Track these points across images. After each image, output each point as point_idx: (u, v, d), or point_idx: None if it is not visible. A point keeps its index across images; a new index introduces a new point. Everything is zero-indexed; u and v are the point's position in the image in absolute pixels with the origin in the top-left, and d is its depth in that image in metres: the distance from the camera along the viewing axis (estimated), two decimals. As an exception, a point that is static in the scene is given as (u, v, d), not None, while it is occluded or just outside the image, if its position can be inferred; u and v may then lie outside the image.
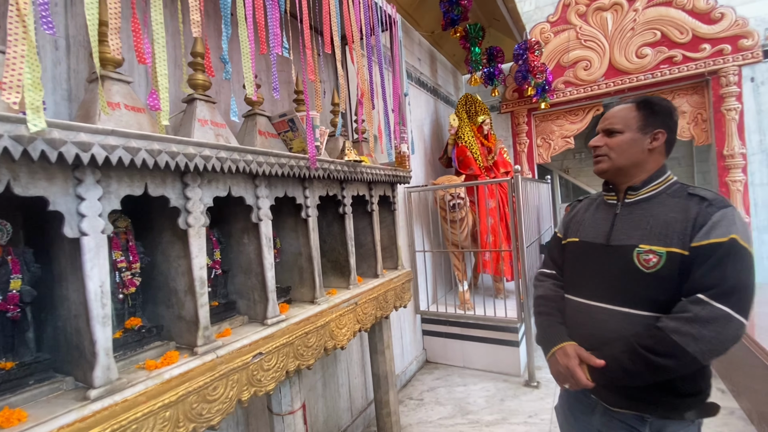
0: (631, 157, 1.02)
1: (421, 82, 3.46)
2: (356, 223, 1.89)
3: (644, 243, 0.95)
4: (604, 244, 1.04)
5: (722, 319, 0.83)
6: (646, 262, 0.93)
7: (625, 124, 1.03)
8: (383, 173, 1.81)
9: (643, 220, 0.98)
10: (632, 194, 1.04)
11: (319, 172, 1.38)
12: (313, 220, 1.42)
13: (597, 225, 1.09)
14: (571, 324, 1.09)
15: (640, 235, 0.97)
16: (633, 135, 1.02)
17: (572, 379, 0.98)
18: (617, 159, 1.03)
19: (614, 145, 1.04)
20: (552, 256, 1.25)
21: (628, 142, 1.02)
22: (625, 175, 1.05)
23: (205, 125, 1.12)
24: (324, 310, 1.40)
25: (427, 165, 3.49)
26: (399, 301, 1.95)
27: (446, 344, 3.03)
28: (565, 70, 4.18)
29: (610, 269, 1.01)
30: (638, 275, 0.94)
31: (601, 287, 1.02)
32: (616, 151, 1.03)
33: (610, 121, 1.05)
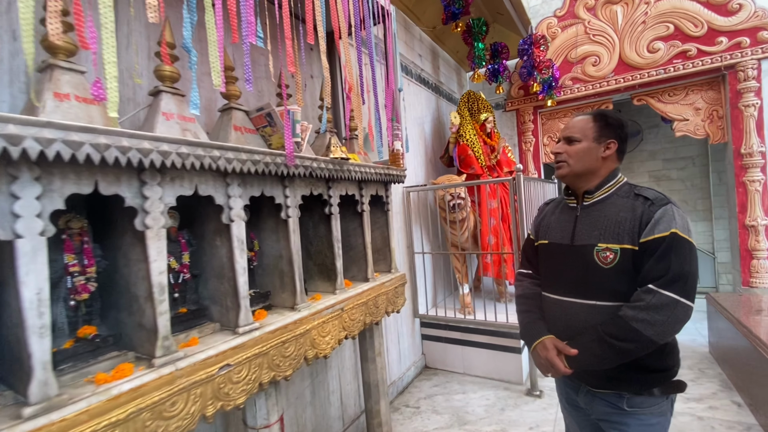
0: (587, 164, 1.13)
1: (421, 78, 3.36)
2: (346, 225, 1.81)
3: (602, 242, 1.07)
4: (569, 245, 1.15)
5: (671, 304, 0.95)
6: (605, 259, 1.05)
7: (583, 134, 1.14)
8: (374, 172, 1.73)
9: (600, 221, 1.10)
10: (588, 197, 1.15)
11: (300, 170, 1.30)
12: (293, 221, 1.34)
13: (562, 227, 1.20)
14: (549, 318, 1.20)
15: (598, 234, 1.08)
16: (589, 144, 1.13)
17: (552, 369, 1.09)
18: (575, 165, 1.14)
19: (573, 153, 1.14)
20: (527, 257, 1.35)
21: (584, 150, 1.13)
22: (582, 179, 1.15)
23: (170, 119, 1.04)
24: (304, 317, 1.31)
25: (427, 164, 3.40)
26: (391, 306, 1.85)
27: (446, 349, 2.93)
28: (573, 66, 4.04)
29: (576, 267, 1.12)
30: (599, 270, 1.06)
31: (569, 283, 1.14)
32: (574, 158, 1.14)
33: (570, 130, 1.16)
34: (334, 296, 1.50)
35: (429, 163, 3.43)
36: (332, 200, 1.53)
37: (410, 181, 3.06)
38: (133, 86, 1.27)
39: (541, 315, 1.23)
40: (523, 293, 1.30)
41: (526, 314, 1.25)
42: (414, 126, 3.17)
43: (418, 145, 3.23)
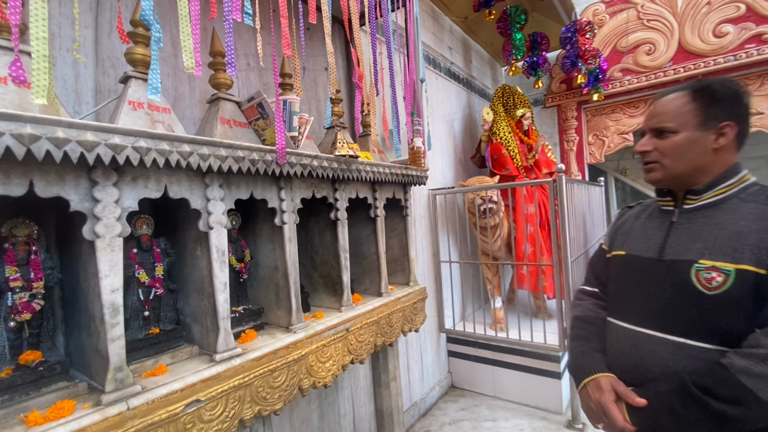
0: (692, 162, 0.86)
1: (451, 72, 3.12)
2: (358, 231, 1.61)
3: (706, 258, 0.80)
4: (655, 259, 0.89)
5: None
6: (708, 282, 0.78)
7: (680, 121, 0.86)
8: (389, 172, 1.52)
9: (706, 230, 0.83)
10: (692, 199, 0.89)
11: (296, 168, 1.12)
12: (289, 228, 1.16)
13: (648, 236, 0.94)
14: (612, 352, 0.94)
15: (701, 248, 0.81)
16: (691, 134, 0.85)
17: (605, 418, 0.84)
18: (673, 166, 0.88)
19: (667, 150, 0.88)
20: (594, 271, 1.11)
21: (684, 145, 0.86)
22: (686, 180, 0.89)
23: (138, 109, 0.89)
24: (300, 340, 1.13)
25: (457, 164, 3.14)
26: (408, 324, 1.64)
27: (475, 369, 2.66)
28: (623, 56, 3.63)
29: (663, 289, 0.85)
30: (697, 298, 0.79)
31: (650, 311, 0.87)
32: (671, 156, 0.88)
33: (659, 118, 0.89)
34: (339, 314, 1.31)
35: (459, 163, 3.18)
36: (339, 204, 1.35)
37: (437, 183, 2.82)
38: (116, 77, 1.15)
39: (600, 346, 0.97)
40: (581, 314, 1.05)
41: (580, 341, 1.00)
42: (442, 123, 2.94)
43: (446, 144, 2.99)
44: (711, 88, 0.85)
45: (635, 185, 5.09)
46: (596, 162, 4.00)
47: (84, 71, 1.08)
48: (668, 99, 0.89)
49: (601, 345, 0.97)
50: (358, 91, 1.37)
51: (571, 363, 1.00)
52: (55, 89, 1.02)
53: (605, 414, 0.84)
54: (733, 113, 0.84)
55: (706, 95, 0.85)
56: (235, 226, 1.17)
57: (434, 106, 2.84)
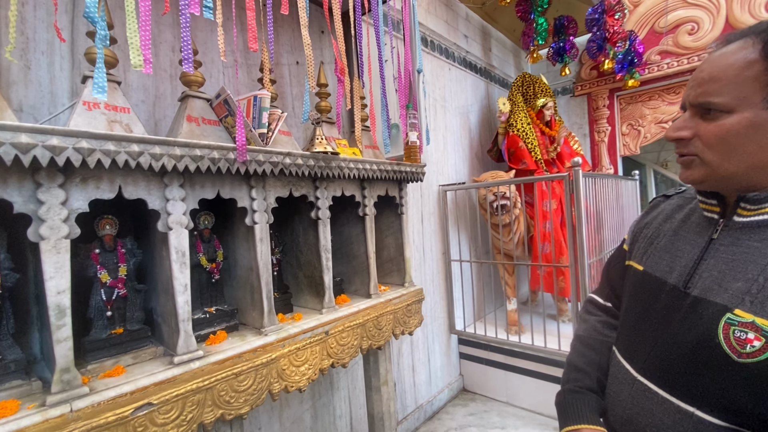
0: (753, 159, 0.56)
1: (467, 62, 2.98)
2: (349, 230, 1.56)
3: (744, 308, 0.54)
4: (678, 289, 0.63)
5: None
6: (740, 344, 0.53)
7: (738, 94, 0.55)
8: (378, 168, 1.45)
9: (756, 263, 0.56)
10: (747, 210, 0.59)
11: (266, 166, 1.08)
12: (261, 228, 1.12)
13: (676, 251, 0.67)
14: (611, 395, 0.73)
15: (742, 289, 0.55)
16: (754, 115, 0.55)
17: None
18: (722, 164, 0.59)
19: (713, 139, 0.59)
20: (610, 279, 0.86)
21: (743, 132, 0.56)
22: (741, 182, 0.60)
23: (93, 109, 0.89)
24: (270, 343, 1.10)
25: (472, 159, 3.01)
26: (401, 327, 1.57)
27: (487, 372, 2.54)
28: (662, 38, 3.31)
29: (679, 335, 0.61)
30: (721, 361, 0.55)
31: (657, 358, 0.64)
32: (719, 149, 0.58)
33: (705, 87, 0.58)
34: (319, 317, 1.27)
35: (475, 158, 3.04)
36: (320, 203, 1.30)
37: (450, 179, 2.72)
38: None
39: (597, 382, 0.77)
40: (584, 336, 0.85)
41: (575, 373, 0.80)
42: (456, 116, 2.81)
43: (460, 138, 2.87)
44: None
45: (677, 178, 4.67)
46: (631, 154, 3.70)
47: (60, 73, 1.10)
48: (724, 54, 0.57)
49: (600, 380, 0.77)
50: (340, 84, 1.31)
51: (558, 398, 0.81)
52: (31, 92, 1.05)
53: None
54: None
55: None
56: (207, 226, 1.16)
57: (447, 99, 2.72)
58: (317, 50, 1.81)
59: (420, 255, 2.38)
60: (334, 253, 1.64)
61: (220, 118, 1.11)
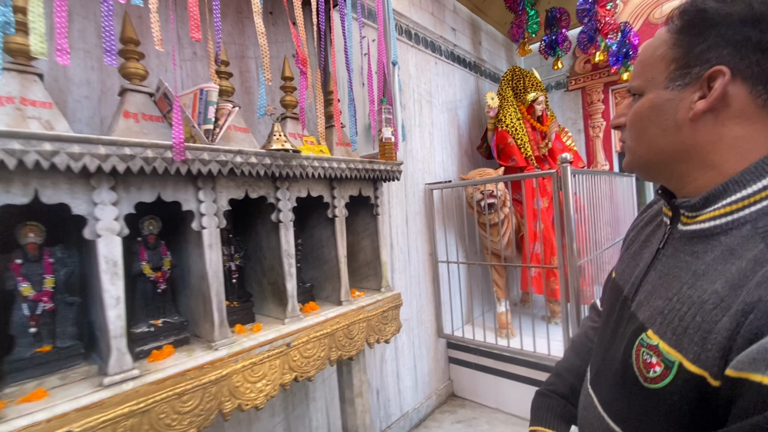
0: (658, 143, 0.54)
1: (454, 56, 2.88)
2: (319, 233, 1.47)
3: (653, 329, 0.51)
4: (627, 300, 0.60)
5: None
6: (646, 368, 0.50)
7: (648, 75, 0.54)
8: (348, 167, 1.36)
9: (680, 278, 0.51)
10: (687, 217, 0.54)
11: (212, 166, 0.99)
12: (210, 233, 1.03)
13: (639, 258, 0.64)
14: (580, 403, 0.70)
15: (659, 308, 0.51)
16: (656, 95, 0.53)
17: None
18: (635, 148, 0.58)
19: (628, 122, 0.58)
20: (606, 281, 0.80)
21: (645, 113, 0.54)
22: (667, 175, 0.57)
23: (6, 104, 0.79)
24: (220, 359, 1.01)
25: (461, 156, 2.91)
26: (375, 335, 1.48)
27: (476, 378, 2.45)
28: (656, 29, 3.19)
29: (616, 352, 0.58)
30: (635, 385, 0.52)
31: (602, 372, 0.62)
32: (631, 132, 0.58)
33: (633, 72, 0.58)
34: (280, 327, 1.18)
35: (464, 155, 2.95)
36: (281, 204, 1.21)
37: (437, 177, 2.62)
38: (29, 71, 1.07)
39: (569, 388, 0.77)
40: (575, 339, 0.84)
41: (553, 375, 0.82)
42: (443, 112, 2.72)
43: (448, 135, 2.77)
44: (696, 5, 0.49)
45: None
46: (627, 149, 3.59)
47: None
48: (650, 39, 0.56)
49: (573, 386, 0.76)
50: (303, 77, 1.21)
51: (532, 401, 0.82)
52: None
53: None
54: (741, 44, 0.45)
55: (690, 21, 0.49)
56: (153, 231, 1.07)
57: (433, 94, 2.62)
58: (288, 42, 1.72)
59: (405, 256, 2.29)
60: (305, 257, 1.55)
61: (164, 114, 1.02)
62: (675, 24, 0.52)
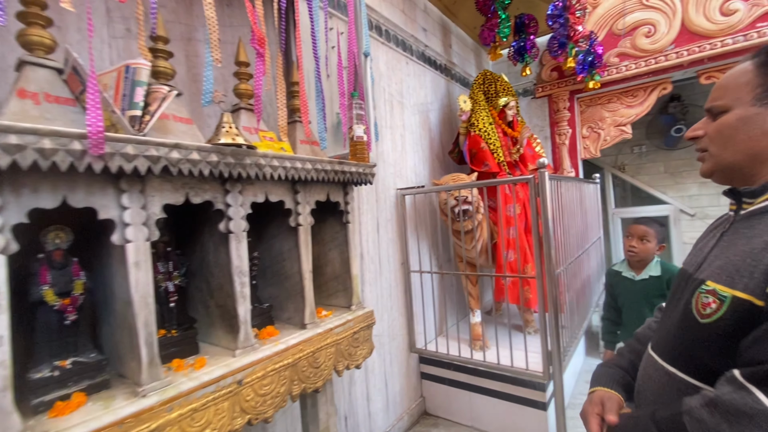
0: (744, 148, 0.68)
1: (425, 57, 2.77)
2: (280, 244, 1.28)
3: (714, 279, 0.66)
4: (691, 275, 0.75)
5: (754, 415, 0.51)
6: (704, 307, 0.65)
7: (734, 96, 0.69)
8: (314, 168, 1.18)
9: (737, 246, 0.67)
10: (747, 203, 0.71)
11: (139, 163, 0.78)
12: (136, 248, 0.82)
13: (704, 247, 0.80)
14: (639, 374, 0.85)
15: (720, 265, 0.68)
16: (744, 111, 0.67)
17: (586, 427, 0.81)
18: (720, 153, 0.71)
19: (714, 133, 0.72)
20: None
21: (733, 125, 0.68)
22: (744, 175, 0.71)
23: None
24: (149, 408, 0.79)
25: (433, 161, 2.80)
26: (345, 360, 1.30)
27: (449, 394, 2.32)
28: (620, 40, 3.28)
29: (676, 310, 0.75)
30: (692, 324, 0.68)
31: (662, 332, 0.80)
32: (718, 141, 0.71)
33: (713, 95, 0.73)
34: (230, 361, 0.97)
35: (436, 159, 2.84)
36: (231, 211, 1.00)
37: (409, 182, 2.49)
38: None
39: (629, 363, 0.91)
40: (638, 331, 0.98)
41: (617, 356, 0.97)
42: (414, 114, 2.59)
43: (420, 138, 2.65)
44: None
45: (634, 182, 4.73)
46: (591, 157, 3.65)
47: None
48: (731, 71, 0.71)
49: (632, 362, 0.90)
50: (259, 60, 1.02)
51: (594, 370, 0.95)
52: None
53: (586, 424, 0.81)
54: None
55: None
56: (60, 246, 0.83)
57: (405, 95, 2.49)
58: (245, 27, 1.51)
59: (376, 267, 2.12)
60: (263, 273, 1.34)
61: (76, 95, 0.80)
62: (761, 59, 0.67)
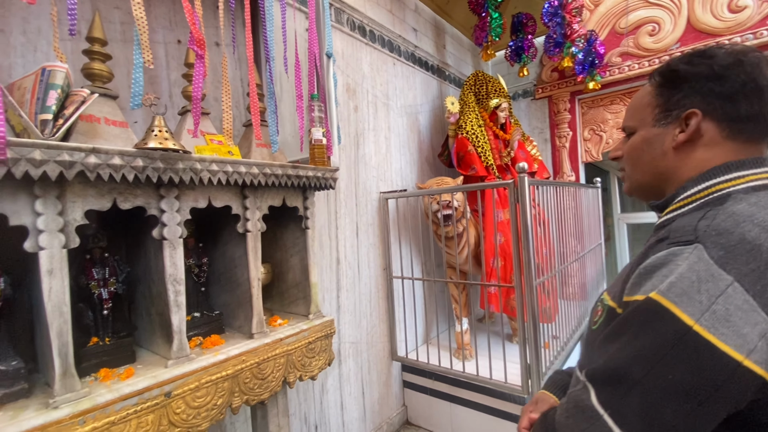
0: (650, 168, 0.69)
1: (415, 58, 2.72)
2: (233, 250, 1.25)
3: (607, 291, 0.69)
4: None
5: (584, 414, 0.54)
6: (595, 315, 0.68)
7: (639, 117, 0.71)
8: (263, 173, 1.14)
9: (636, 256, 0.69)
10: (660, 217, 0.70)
11: (49, 168, 0.75)
12: (49, 255, 0.79)
13: None
14: None
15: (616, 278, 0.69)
16: (646, 132, 0.69)
17: None
18: (632, 174, 0.73)
19: (625, 154, 0.74)
20: None
21: (639, 146, 0.70)
22: (656, 192, 0.71)
23: None
24: (58, 420, 0.76)
25: (422, 164, 2.74)
26: (298, 371, 1.26)
27: (431, 404, 2.25)
28: (623, 39, 3.16)
29: None
30: (588, 332, 0.69)
31: None
32: (628, 161, 0.73)
33: (626, 114, 0.75)
34: (160, 372, 0.94)
35: (425, 162, 2.78)
36: (165, 217, 0.97)
37: (395, 185, 2.44)
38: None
39: None
40: None
41: None
42: (401, 116, 2.54)
43: (407, 141, 2.59)
44: (670, 67, 0.65)
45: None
46: (593, 160, 3.53)
47: None
48: (638, 92, 0.73)
49: None
50: (199, 61, 0.99)
51: None
52: None
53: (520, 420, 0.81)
54: (700, 92, 0.62)
55: (666, 76, 0.66)
56: (-25, 252, 0.82)
57: (390, 96, 2.44)
58: (211, 28, 1.49)
59: (354, 272, 2.07)
60: (216, 279, 1.32)
61: (-9, 99, 0.78)
62: (656, 80, 0.68)
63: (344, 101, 2.07)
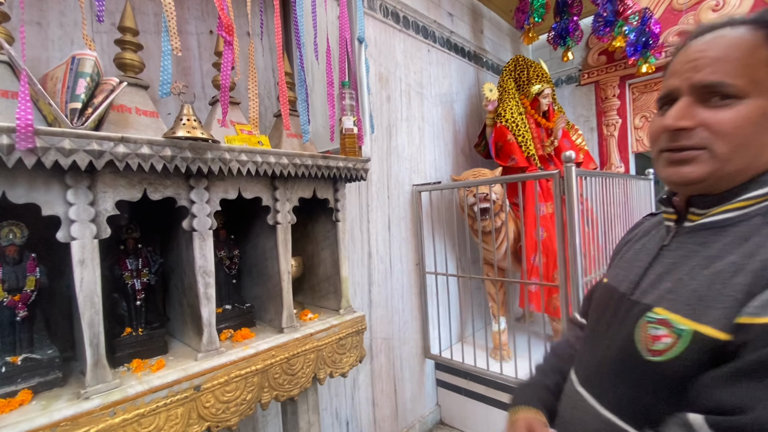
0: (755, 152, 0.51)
1: (451, 44, 2.60)
2: (264, 242, 1.22)
3: (663, 305, 0.52)
4: (624, 295, 0.62)
5: None
6: (652, 341, 0.51)
7: (751, 76, 0.49)
8: (293, 163, 1.10)
9: (688, 263, 0.54)
10: (695, 214, 0.57)
11: (78, 157, 0.74)
12: (81, 245, 0.79)
13: (636, 261, 0.65)
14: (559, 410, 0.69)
15: (668, 288, 0.54)
16: (766, 102, 0.49)
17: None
18: (732, 157, 0.51)
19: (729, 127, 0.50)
20: (587, 297, 0.85)
21: (756, 121, 0.49)
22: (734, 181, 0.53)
23: None
24: (89, 411, 0.76)
25: (458, 155, 2.63)
26: (329, 368, 1.22)
27: (466, 405, 2.17)
28: (681, 16, 2.87)
29: (613, 339, 0.59)
30: (636, 360, 0.53)
31: (594, 365, 0.62)
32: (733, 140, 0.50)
33: (715, 67, 0.51)
34: (190, 365, 0.93)
35: (461, 154, 2.66)
36: (195, 207, 0.96)
37: (429, 178, 2.35)
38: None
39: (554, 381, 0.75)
40: (555, 346, 0.84)
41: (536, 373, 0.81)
42: (436, 105, 2.44)
43: (442, 131, 2.49)
44: None
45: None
46: (645, 150, 3.25)
47: None
48: (723, 37, 0.52)
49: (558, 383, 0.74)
50: (227, 48, 0.96)
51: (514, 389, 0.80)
52: None
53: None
54: None
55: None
56: (14, 241, 0.83)
57: (424, 85, 2.35)
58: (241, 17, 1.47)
59: (385, 267, 2.02)
60: (248, 271, 1.30)
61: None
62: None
63: (376, 91, 2.00)
